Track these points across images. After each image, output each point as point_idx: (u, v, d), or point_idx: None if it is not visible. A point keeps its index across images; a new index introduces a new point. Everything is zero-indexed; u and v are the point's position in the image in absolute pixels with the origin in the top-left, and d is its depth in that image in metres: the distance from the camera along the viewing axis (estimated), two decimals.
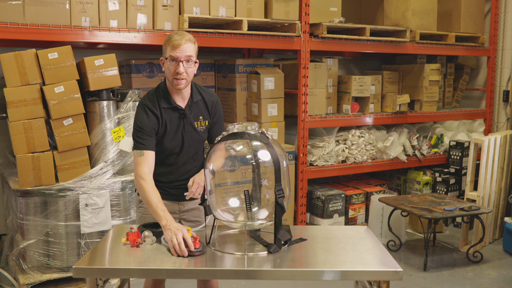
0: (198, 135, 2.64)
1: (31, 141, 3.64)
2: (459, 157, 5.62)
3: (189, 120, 2.59)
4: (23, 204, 3.69)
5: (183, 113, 2.57)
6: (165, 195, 2.68)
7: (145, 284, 2.77)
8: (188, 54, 2.46)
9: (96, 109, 3.87)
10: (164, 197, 2.67)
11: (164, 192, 2.69)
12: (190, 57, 2.47)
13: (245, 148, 2.33)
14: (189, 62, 2.48)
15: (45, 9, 3.67)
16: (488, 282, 4.12)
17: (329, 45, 4.83)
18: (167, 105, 2.56)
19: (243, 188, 2.30)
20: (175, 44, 2.45)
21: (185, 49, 2.45)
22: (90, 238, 3.81)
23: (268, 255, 2.21)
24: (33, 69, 3.64)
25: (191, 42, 2.49)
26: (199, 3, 4.19)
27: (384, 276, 2.12)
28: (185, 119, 2.59)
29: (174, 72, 2.47)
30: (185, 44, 2.45)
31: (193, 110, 2.61)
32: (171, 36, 2.49)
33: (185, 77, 2.48)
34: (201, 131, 2.64)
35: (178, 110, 2.57)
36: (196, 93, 2.64)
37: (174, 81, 2.49)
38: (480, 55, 6.04)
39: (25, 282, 3.64)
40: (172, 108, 2.57)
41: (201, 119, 2.63)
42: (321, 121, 4.93)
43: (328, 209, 5.06)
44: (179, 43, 2.44)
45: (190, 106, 2.60)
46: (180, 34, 2.49)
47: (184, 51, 2.45)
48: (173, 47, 2.45)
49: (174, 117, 2.57)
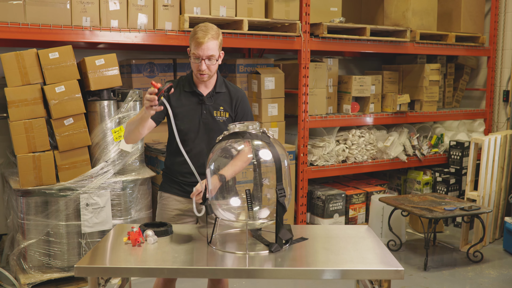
0: (216, 124, 2.69)
1: (32, 140, 3.64)
2: (459, 157, 5.62)
3: (207, 107, 2.67)
4: (23, 203, 3.70)
5: (202, 99, 2.66)
6: (181, 191, 2.75)
7: (155, 284, 2.79)
8: (210, 54, 2.54)
9: (97, 109, 3.87)
10: (180, 194, 2.75)
11: (180, 189, 2.75)
12: (212, 56, 2.55)
13: (247, 147, 2.33)
14: (210, 60, 2.56)
15: (46, 9, 3.67)
16: (489, 281, 4.13)
17: (329, 45, 4.84)
18: (189, 89, 2.68)
19: (244, 187, 2.30)
20: (198, 42, 2.52)
21: (207, 47, 2.52)
22: (91, 238, 3.82)
23: (269, 254, 2.21)
24: (34, 68, 3.64)
25: (214, 39, 2.55)
26: (199, 3, 4.19)
27: (385, 275, 2.12)
28: (204, 105, 2.66)
29: (197, 69, 2.58)
30: (207, 42, 2.51)
31: (214, 99, 2.68)
32: (196, 32, 2.55)
33: (207, 73, 2.59)
34: (220, 121, 2.69)
35: (198, 95, 2.66)
36: (222, 85, 2.72)
37: (198, 75, 2.60)
38: (480, 55, 6.05)
39: (26, 282, 3.64)
40: (192, 92, 2.67)
41: (222, 110, 2.69)
42: (321, 121, 4.93)
43: (329, 209, 5.06)
44: (201, 41, 2.51)
45: (212, 95, 2.68)
46: (204, 30, 2.54)
47: (206, 50, 2.52)
48: (196, 45, 2.53)
49: (193, 101, 2.66)
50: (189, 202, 2.72)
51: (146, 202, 4.06)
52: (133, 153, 3.96)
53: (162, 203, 2.81)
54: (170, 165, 2.78)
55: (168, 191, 2.80)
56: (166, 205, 2.79)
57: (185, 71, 4.85)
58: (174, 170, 2.76)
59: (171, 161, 2.77)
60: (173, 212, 2.76)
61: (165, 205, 2.79)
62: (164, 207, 2.79)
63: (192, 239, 2.43)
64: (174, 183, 2.77)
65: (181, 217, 2.77)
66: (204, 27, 2.57)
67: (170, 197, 2.78)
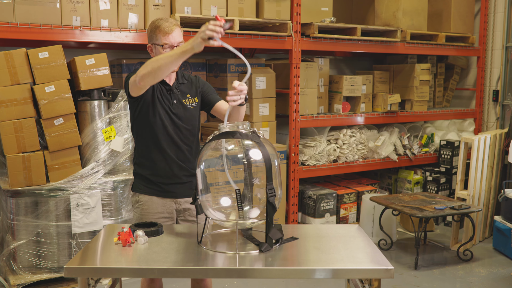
0: (188, 112, 2.73)
1: (22, 141, 3.62)
2: (450, 156, 5.66)
3: (176, 96, 2.72)
4: (13, 204, 3.67)
5: (170, 88, 2.70)
6: (160, 192, 2.70)
7: (141, 284, 2.77)
8: (180, 41, 2.64)
9: (87, 109, 3.85)
10: (159, 194, 2.70)
11: (159, 189, 2.70)
12: (181, 42, 2.64)
13: (237, 147, 2.33)
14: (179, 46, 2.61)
15: (36, 8, 3.65)
16: (478, 280, 4.16)
17: (320, 45, 4.85)
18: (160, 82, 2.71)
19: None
20: (167, 30, 2.61)
21: (176, 35, 2.63)
22: (81, 238, 3.80)
23: (259, 254, 2.21)
24: (23, 68, 3.62)
25: (178, 26, 2.68)
26: (190, 3, 4.19)
27: (375, 274, 2.13)
28: (172, 94, 2.71)
29: None
30: (175, 30, 2.63)
31: (179, 89, 2.74)
32: (159, 24, 2.64)
33: None
34: (191, 107, 2.74)
35: (165, 85, 2.71)
36: (182, 77, 2.80)
37: None
38: (470, 55, 6.09)
39: (16, 283, 3.62)
40: (160, 83, 2.69)
41: (189, 97, 2.76)
42: (312, 120, 4.94)
43: (320, 209, 5.07)
44: (171, 29, 2.62)
45: (177, 86, 2.74)
46: (167, 20, 2.65)
47: (176, 36, 2.63)
48: (165, 34, 2.61)
49: (163, 90, 2.69)
50: (169, 203, 2.72)
51: None
52: (123, 153, 3.95)
53: (142, 208, 2.72)
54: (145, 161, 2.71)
55: (146, 193, 2.72)
56: (147, 209, 2.70)
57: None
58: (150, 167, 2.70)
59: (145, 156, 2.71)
60: (155, 215, 2.69)
61: (145, 209, 2.71)
62: (145, 211, 2.71)
63: (183, 239, 2.43)
64: (151, 183, 2.71)
65: (164, 220, 2.71)
66: (165, 18, 2.68)
67: (150, 201, 2.70)
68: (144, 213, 2.72)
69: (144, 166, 2.74)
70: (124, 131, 3.93)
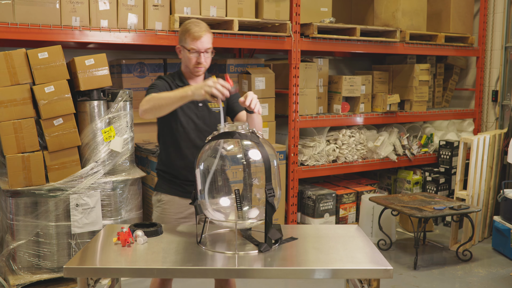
0: (213, 115, 2.73)
1: (21, 141, 3.62)
2: (449, 157, 5.66)
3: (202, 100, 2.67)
4: (13, 204, 3.67)
5: None
6: (182, 192, 2.71)
7: (151, 284, 2.76)
8: (207, 47, 2.64)
9: (87, 109, 3.85)
10: (181, 194, 2.71)
11: (181, 190, 2.71)
12: (209, 49, 2.66)
13: (236, 147, 2.33)
14: (207, 53, 2.65)
15: (35, 8, 3.65)
16: (478, 280, 4.16)
17: (319, 45, 4.85)
18: (181, 83, 2.71)
19: (234, 187, 2.31)
20: (195, 36, 2.60)
21: (205, 41, 2.62)
22: (80, 238, 3.80)
23: (258, 254, 2.22)
24: (23, 68, 3.62)
25: (208, 32, 2.65)
26: (190, 3, 4.19)
27: (374, 274, 2.13)
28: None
29: (196, 63, 2.65)
30: (204, 36, 2.61)
31: None
32: (189, 28, 2.62)
33: (204, 65, 2.68)
34: (215, 111, 2.73)
35: None
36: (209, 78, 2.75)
37: (194, 69, 2.67)
38: (469, 55, 6.09)
39: (15, 283, 3.62)
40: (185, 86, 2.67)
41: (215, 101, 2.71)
42: (311, 121, 4.94)
43: (319, 209, 5.07)
44: (199, 35, 2.60)
45: None
46: (197, 25, 2.62)
47: (205, 42, 2.62)
48: (194, 39, 2.60)
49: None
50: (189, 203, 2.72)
51: (136, 202, 4.06)
52: (123, 153, 3.95)
53: (163, 207, 2.75)
54: (169, 163, 2.73)
55: (168, 193, 2.74)
56: (168, 209, 2.73)
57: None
58: (174, 168, 2.71)
59: (170, 158, 2.73)
60: (176, 215, 2.72)
61: (166, 209, 2.73)
62: (165, 211, 2.73)
63: (182, 239, 2.43)
64: (174, 184, 2.73)
65: (184, 220, 2.73)
66: (196, 22, 2.65)
67: (172, 201, 2.73)
68: (165, 212, 2.74)
69: (167, 166, 2.76)
70: (123, 131, 3.93)
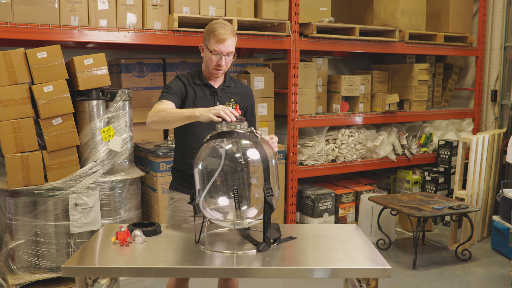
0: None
1: (20, 140, 3.62)
2: (448, 156, 5.66)
3: (220, 99, 2.71)
4: (12, 204, 3.67)
5: (214, 90, 2.69)
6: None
7: (168, 284, 2.75)
8: (230, 50, 2.62)
9: (86, 109, 3.85)
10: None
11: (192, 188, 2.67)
12: (231, 52, 2.63)
13: (235, 147, 2.33)
14: (229, 56, 2.63)
15: (34, 8, 3.65)
16: (477, 280, 4.16)
17: (319, 44, 4.85)
18: (200, 82, 2.69)
19: (232, 187, 2.30)
20: (220, 38, 2.56)
21: (228, 44, 2.59)
22: (79, 238, 3.80)
23: (257, 254, 2.22)
24: (21, 68, 3.62)
25: (233, 36, 2.62)
26: (189, 3, 4.19)
27: (373, 273, 2.13)
28: (216, 96, 2.70)
29: (216, 64, 2.63)
30: (229, 39, 2.58)
31: (225, 92, 2.73)
32: (215, 28, 2.58)
33: (224, 68, 2.66)
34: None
35: (210, 87, 2.69)
36: (230, 81, 2.77)
37: (214, 70, 2.65)
38: (469, 55, 6.09)
39: (14, 283, 3.62)
40: (204, 85, 2.69)
41: (233, 102, 2.73)
42: (311, 120, 4.94)
43: (318, 208, 5.07)
44: (224, 37, 2.56)
45: (223, 88, 2.72)
46: (224, 27, 2.59)
47: (228, 46, 2.59)
48: (218, 41, 2.57)
49: (206, 93, 2.69)
50: None
51: (135, 202, 4.05)
52: (122, 153, 3.95)
53: (174, 205, 2.76)
54: (182, 160, 2.73)
55: (180, 191, 2.74)
56: (179, 207, 2.74)
57: (174, 71, 4.84)
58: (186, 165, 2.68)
59: (183, 155, 2.72)
60: (186, 214, 2.73)
61: (177, 207, 2.74)
62: (176, 209, 2.75)
63: (181, 239, 2.43)
64: (187, 182, 2.71)
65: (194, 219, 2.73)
66: (223, 23, 2.61)
67: (183, 198, 2.73)
68: (176, 210, 2.75)
69: (180, 164, 2.77)
70: (122, 131, 3.93)
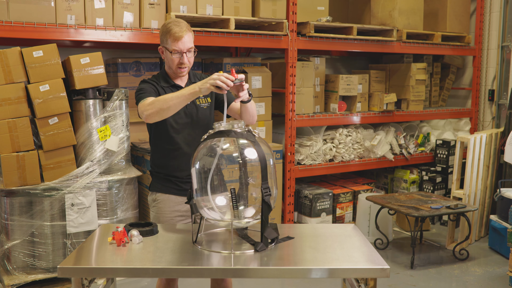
0: (201, 111, 2.72)
1: (16, 140, 3.60)
2: (446, 156, 5.66)
3: None
4: (7, 204, 3.65)
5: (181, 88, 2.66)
6: (176, 190, 2.70)
7: (157, 284, 2.75)
8: (190, 47, 2.62)
9: (82, 108, 3.83)
10: (176, 192, 2.70)
11: (176, 187, 2.70)
12: (191, 48, 2.64)
13: (232, 146, 2.32)
14: (190, 52, 2.64)
15: (30, 6, 3.63)
16: (474, 279, 4.16)
17: (316, 44, 4.84)
18: (167, 84, 2.70)
19: (230, 186, 2.29)
20: (176, 36, 2.58)
21: (186, 41, 2.60)
22: (76, 238, 3.78)
23: (255, 254, 2.20)
24: (17, 67, 3.60)
25: (189, 31, 2.63)
26: (186, 2, 4.17)
27: (371, 273, 2.12)
28: None
29: (178, 63, 2.63)
30: (185, 36, 2.59)
31: None
32: (170, 28, 2.59)
33: (188, 65, 2.67)
34: (203, 107, 2.73)
35: (177, 87, 2.69)
36: (194, 76, 2.79)
37: (177, 70, 2.66)
38: (466, 54, 6.09)
39: (10, 283, 3.60)
40: (172, 86, 2.70)
41: (201, 97, 2.73)
42: (308, 120, 4.93)
43: (316, 208, 5.06)
44: (180, 35, 2.58)
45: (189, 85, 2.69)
46: (178, 25, 2.59)
47: (186, 42, 2.60)
48: (175, 40, 2.58)
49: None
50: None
51: (132, 201, 4.04)
52: (119, 152, 3.93)
53: (158, 206, 2.73)
54: (162, 162, 2.72)
55: (163, 191, 2.72)
56: (163, 208, 2.71)
57: None
58: (168, 167, 2.69)
59: (162, 158, 2.71)
60: (171, 214, 2.70)
61: (161, 208, 2.71)
62: (161, 210, 2.72)
63: (178, 239, 2.42)
64: (169, 182, 2.71)
65: (180, 218, 2.71)
66: (177, 21, 2.63)
67: (167, 199, 2.71)
68: (161, 211, 2.72)
69: (160, 166, 2.75)
70: (119, 130, 3.91)
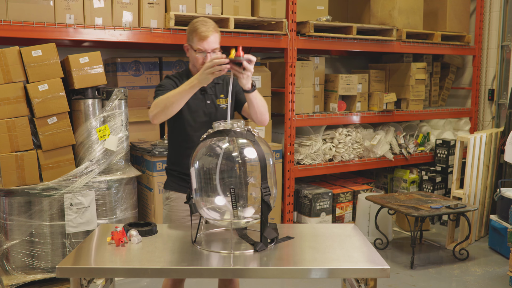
0: (219, 112, 2.72)
1: (15, 140, 3.58)
2: (445, 156, 5.65)
3: (210, 97, 2.70)
4: (6, 204, 3.64)
5: (204, 89, 2.66)
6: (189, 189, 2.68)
7: (163, 285, 2.74)
8: (215, 47, 2.61)
9: (81, 108, 3.82)
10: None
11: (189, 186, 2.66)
12: (216, 49, 2.63)
13: (231, 146, 2.31)
14: (215, 53, 2.62)
15: (29, 5, 3.62)
16: (474, 279, 4.15)
17: (316, 43, 4.83)
18: None
19: (229, 186, 2.28)
20: (202, 36, 2.57)
21: (212, 41, 2.59)
22: (75, 238, 3.77)
23: (254, 254, 2.19)
24: (16, 66, 3.59)
25: (216, 32, 2.62)
26: (185, 1, 4.16)
27: (371, 273, 2.11)
28: (206, 95, 2.69)
29: (203, 62, 2.61)
30: (211, 36, 2.59)
31: (214, 90, 2.73)
32: (197, 27, 2.59)
33: None
34: (223, 108, 2.72)
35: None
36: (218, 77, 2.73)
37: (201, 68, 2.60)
38: (466, 54, 6.08)
39: (9, 283, 3.59)
40: None
41: (222, 97, 2.73)
42: (308, 119, 4.92)
43: (316, 208, 5.05)
44: (206, 35, 2.57)
45: (211, 86, 2.72)
46: (205, 25, 2.59)
47: (211, 43, 2.59)
48: (200, 39, 2.58)
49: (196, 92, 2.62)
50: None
51: (131, 201, 4.03)
52: (118, 152, 3.92)
53: (171, 205, 2.74)
54: (177, 160, 2.72)
55: (177, 190, 2.72)
56: (175, 206, 2.71)
57: (171, 70, 4.82)
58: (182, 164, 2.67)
59: (178, 156, 2.71)
60: (183, 213, 2.70)
61: (174, 207, 2.72)
62: (173, 209, 2.72)
63: (177, 239, 2.41)
64: (182, 181, 2.70)
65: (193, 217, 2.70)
66: (204, 21, 2.61)
67: (180, 198, 2.70)
68: (173, 210, 2.73)
69: (175, 163, 2.75)
70: (118, 130, 3.90)
